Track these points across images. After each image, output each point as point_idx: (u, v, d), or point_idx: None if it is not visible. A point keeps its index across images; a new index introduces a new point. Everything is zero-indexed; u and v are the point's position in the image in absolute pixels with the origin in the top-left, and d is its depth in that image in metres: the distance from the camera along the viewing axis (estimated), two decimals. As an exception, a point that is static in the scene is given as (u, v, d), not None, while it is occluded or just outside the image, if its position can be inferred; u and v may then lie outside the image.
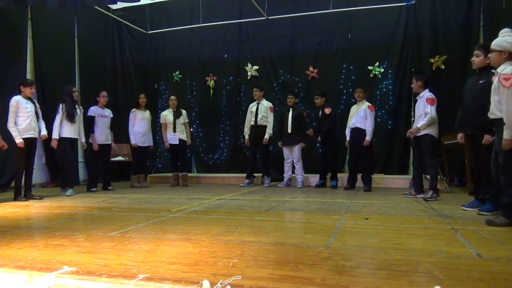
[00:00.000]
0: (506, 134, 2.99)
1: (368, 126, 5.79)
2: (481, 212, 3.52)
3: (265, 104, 6.88)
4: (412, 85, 5.02)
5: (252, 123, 6.85)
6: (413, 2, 6.85)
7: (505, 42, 3.07)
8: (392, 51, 7.32)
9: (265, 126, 6.79)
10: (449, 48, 6.95)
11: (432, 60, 7.02)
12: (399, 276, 1.73)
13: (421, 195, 4.87)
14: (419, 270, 1.82)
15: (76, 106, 5.84)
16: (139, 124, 6.79)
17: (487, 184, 3.59)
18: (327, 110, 6.34)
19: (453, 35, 6.91)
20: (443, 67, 6.94)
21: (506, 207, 3.04)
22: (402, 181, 6.53)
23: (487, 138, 3.55)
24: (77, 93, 6.01)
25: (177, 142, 6.96)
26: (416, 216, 3.50)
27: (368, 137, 5.75)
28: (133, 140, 6.75)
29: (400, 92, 7.27)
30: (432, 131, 4.73)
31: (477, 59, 3.71)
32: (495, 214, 3.22)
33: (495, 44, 3.15)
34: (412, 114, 7.19)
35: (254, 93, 6.93)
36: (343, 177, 6.49)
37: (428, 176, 5.04)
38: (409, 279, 1.70)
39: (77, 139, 5.88)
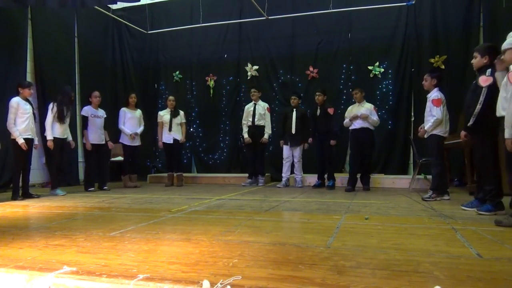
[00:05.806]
0: (506, 133, 2.96)
1: (374, 119, 5.98)
2: (480, 212, 3.52)
3: (262, 104, 7.00)
4: (424, 82, 4.76)
5: (250, 123, 6.93)
6: (413, 2, 6.83)
7: None
8: (392, 51, 7.32)
9: (263, 126, 6.89)
10: (449, 48, 6.95)
11: (432, 60, 7.02)
12: (399, 276, 1.73)
13: (446, 196, 4.64)
14: (419, 270, 1.82)
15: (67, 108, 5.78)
16: (128, 123, 6.74)
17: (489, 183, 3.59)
18: (331, 111, 6.27)
19: (453, 35, 6.91)
20: (443, 67, 6.93)
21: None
22: (402, 181, 6.53)
23: (462, 134, 3.95)
24: (73, 95, 5.97)
25: (172, 142, 6.98)
26: (416, 216, 3.50)
27: (374, 117, 5.95)
28: (128, 132, 6.65)
29: (400, 92, 7.27)
30: (440, 131, 4.63)
31: (474, 61, 3.77)
32: (505, 215, 3.11)
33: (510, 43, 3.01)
34: (412, 114, 7.23)
35: (252, 93, 6.99)
36: (343, 177, 6.48)
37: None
38: (409, 279, 1.70)
39: (65, 138, 5.81)
